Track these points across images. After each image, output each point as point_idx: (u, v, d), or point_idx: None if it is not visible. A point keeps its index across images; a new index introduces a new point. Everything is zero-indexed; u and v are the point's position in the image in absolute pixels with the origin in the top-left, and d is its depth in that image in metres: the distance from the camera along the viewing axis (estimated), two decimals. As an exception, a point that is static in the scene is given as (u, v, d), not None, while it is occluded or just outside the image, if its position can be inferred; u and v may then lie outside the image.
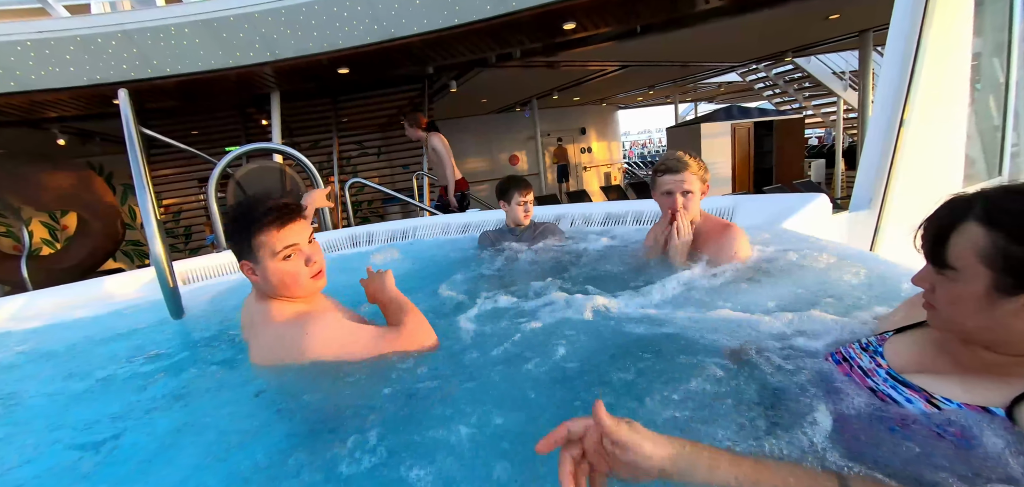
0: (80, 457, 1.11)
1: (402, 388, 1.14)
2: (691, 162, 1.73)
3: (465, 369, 1.22)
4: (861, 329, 1.00)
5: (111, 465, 1.07)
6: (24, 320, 2.32)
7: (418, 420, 1.02)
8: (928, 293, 0.76)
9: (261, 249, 1.23)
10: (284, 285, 1.26)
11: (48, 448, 1.17)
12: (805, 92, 12.43)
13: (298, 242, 1.25)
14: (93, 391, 1.48)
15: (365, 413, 1.06)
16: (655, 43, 6.92)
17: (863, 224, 2.50)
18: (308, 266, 1.27)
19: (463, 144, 13.46)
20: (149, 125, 4.15)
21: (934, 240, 0.73)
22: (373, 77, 6.94)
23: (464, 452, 0.89)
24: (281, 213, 1.24)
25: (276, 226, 1.23)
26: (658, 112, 40.52)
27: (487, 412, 0.99)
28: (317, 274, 1.29)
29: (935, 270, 0.73)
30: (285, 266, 1.24)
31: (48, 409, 1.40)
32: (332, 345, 1.19)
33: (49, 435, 1.23)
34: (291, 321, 1.23)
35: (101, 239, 5.82)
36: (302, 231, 1.28)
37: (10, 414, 1.39)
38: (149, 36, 4.60)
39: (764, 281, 1.43)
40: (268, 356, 1.24)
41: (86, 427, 1.24)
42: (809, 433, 0.78)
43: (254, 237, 1.23)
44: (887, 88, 2.52)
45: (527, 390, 1.07)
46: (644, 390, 0.94)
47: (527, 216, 2.60)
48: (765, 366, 0.96)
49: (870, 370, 0.85)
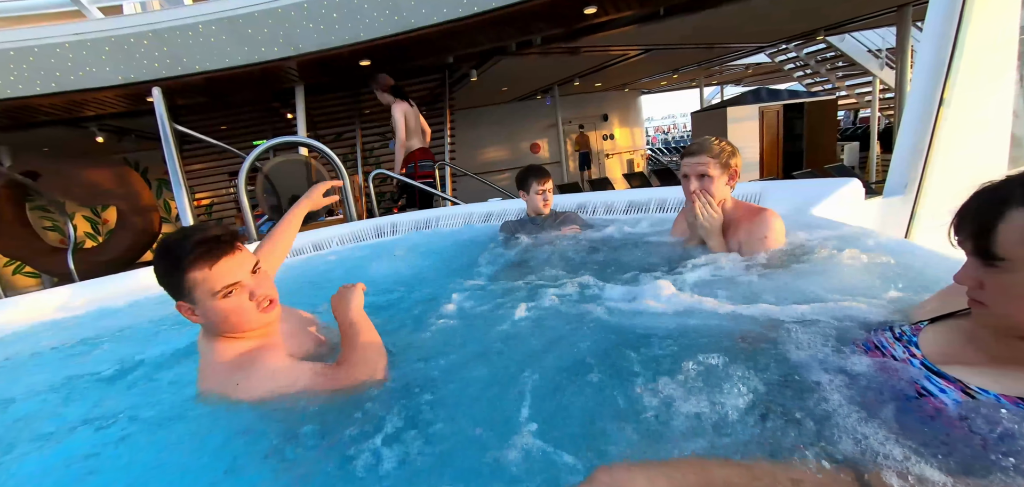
0: (122, 435, 1.17)
1: (405, 377, 1.16)
2: (713, 145, 1.69)
3: (470, 360, 1.24)
4: (894, 319, 0.97)
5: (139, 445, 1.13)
6: (71, 309, 2.46)
7: (427, 408, 1.04)
8: (975, 290, 0.72)
9: (196, 289, 1.11)
10: (230, 324, 1.15)
11: (93, 427, 1.23)
12: (838, 72, 11.94)
13: (239, 279, 1.12)
14: (129, 376, 1.56)
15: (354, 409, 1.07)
16: (680, 25, 6.73)
17: (898, 210, 2.41)
18: (253, 300, 1.14)
19: (484, 133, 13.46)
20: (181, 121, 4.29)
21: (978, 234, 0.69)
22: (394, 68, 6.98)
23: (477, 440, 0.90)
24: (211, 248, 1.10)
25: (207, 263, 1.09)
26: (683, 96, 39.63)
27: (480, 405, 1.00)
28: (267, 306, 1.17)
29: (982, 264, 0.69)
30: (227, 304, 1.12)
31: (92, 392, 1.48)
32: (268, 393, 1.09)
33: (94, 415, 1.30)
34: (230, 367, 1.14)
35: (139, 232, 6.07)
36: (241, 264, 1.14)
37: (58, 394, 1.48)
38: (178, 34, 4.74)
39: (793, 269, 1.40)
40: (211, 400, 1.14)
41: (128, 408, 1.31)
42: (839, 424, 0.76)
43: (185, 275, 1.09)
44: (926, 65, 2.40)
45: (538, 381, 1.07)
46: (663, 383, 0.93)
47: (546, 205, 2.60)
48: (792, 356, 0.94)
49: (903, 360, 0.83)
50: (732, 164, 1.70)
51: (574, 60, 9.01)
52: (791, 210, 2.11)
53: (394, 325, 1.60)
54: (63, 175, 5.70)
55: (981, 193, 0.70)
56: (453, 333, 1.42)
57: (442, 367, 1.21)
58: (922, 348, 0.82)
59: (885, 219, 2.41)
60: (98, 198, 6.08)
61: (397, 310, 1.86)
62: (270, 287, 1.20)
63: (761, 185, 2.42)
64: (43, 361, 1.86)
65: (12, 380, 1.69)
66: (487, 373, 1.17)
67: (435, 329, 1.44)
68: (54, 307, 2.47)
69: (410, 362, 1.27)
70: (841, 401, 0.79)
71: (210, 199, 8.39)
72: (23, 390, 1.52)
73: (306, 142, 4.02)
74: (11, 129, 6.27)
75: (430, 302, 1.77)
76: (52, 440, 1.21)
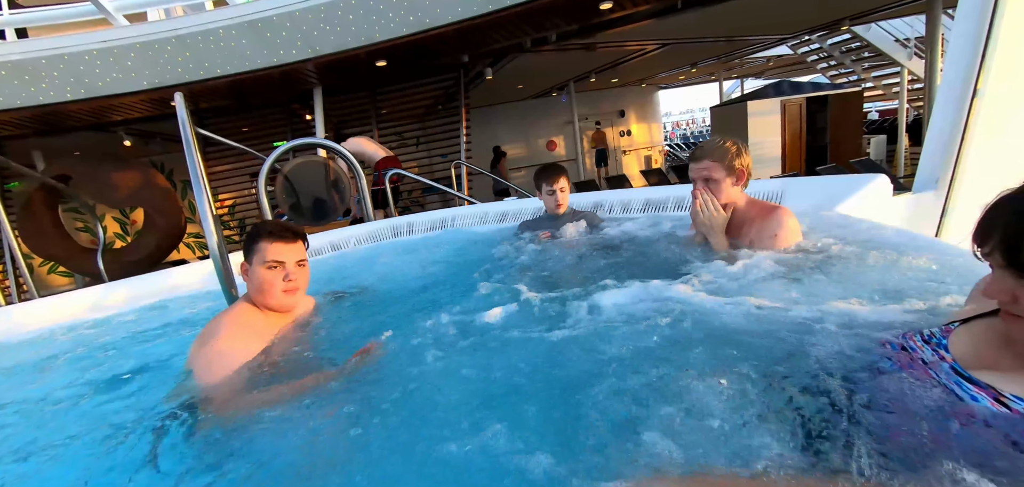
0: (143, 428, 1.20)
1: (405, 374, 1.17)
2: (717, 148, 1.68)
3: (471, 361, 1.23)
4: (923, 321, 0.93)
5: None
6: (102, 309, 2.54)
7: (424, 404, 1.04)
8: (1009, 303, 0.68)
9: (256, 254, 1.48)
10: (261, 290, 1.48)
11: (115, 424, 1.27)
12: (864, 63, 11.58)
13: (284, 260, 1.48)
14: (157, 372, 1.60)
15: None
16: (698, 18, 6.62)
17: (928, 207, 2.32)
18: (284, 281, 1.48)
19: (500, 131, 13.47)
20: (204, 123, 4.40)
21: (1010, 245, 0.65)
22: (410, 68, 7.03)
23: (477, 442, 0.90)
24: (280, 232, 1.49)
25: (271, 240, 1.47)
26: (702, 91, 38.97)
27: (490, 405, 0.99)
28: (290, 290, 1.50)
29: (1015, 276, 0.66)
30: (268, 274, 1.47)
31: (116, 389, 1.52)
32: (216, 368, 1.31)
33: (117, 410, 1.34)
34: (223, 328, 1.42)
35: (165, 233, 6.24)
36: (291, 253, 1.50)
37: (77, 399, 1.52)
38: (200, 39, 4.85)
39: (816, 270, 1.35)
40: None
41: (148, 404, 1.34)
42: (863, 432, 0.74)
43: (256, 243, 1.49)
44: (958, 54, 2.30)
45: (533, 387, 1.05)
46: (670, 392, 0.90)
47: (560, 205, 2.58)
48: (812, 360, 0.91)
49: (933, 363, 0.79)
50: (738, 165, 1.67)
51: (590, 56, 8.94)
52: (814, 208, 2.05)
53: (393, 325, 1.60)
54: (93, 178, 5.89)
55: (1007, 203, 0.66)
56: (448, 335, 1.39)
57: (435, 369, 1.21)
58: (952, 351, 0.78)
59: (914, 217, 2.33)
60: (126, 200, 6.27)
61: (398, 310, 1.87)
62: (302, 282, 1.54)
63: (782, 182, 2.36)
64: (73, 360, 1.93)
65: (45, 377, 1.75)
66: (477, 379, 1.15)
67: (429, 331, 1.43)
68: (86, 306, 2.55)
69: (402, 365, 1.27)
70: (865, 406, 0.76)
71: (232, 200, 8.59)
72: (54, 386, 1.58)
73: (325, 144, 4.08)
74: (44, 134, 6.51)
75: (434, 303, 1.78)
76: (80, 437, 1.24)
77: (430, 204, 8.36)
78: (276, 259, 1.47)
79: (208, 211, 1.97)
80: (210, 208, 1.98)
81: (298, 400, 1.15)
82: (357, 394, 1.16)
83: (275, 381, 1.26)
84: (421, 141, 8.54)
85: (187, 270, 2.81)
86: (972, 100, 2.25)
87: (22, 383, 1.74)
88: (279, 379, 1.27)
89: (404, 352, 1.32)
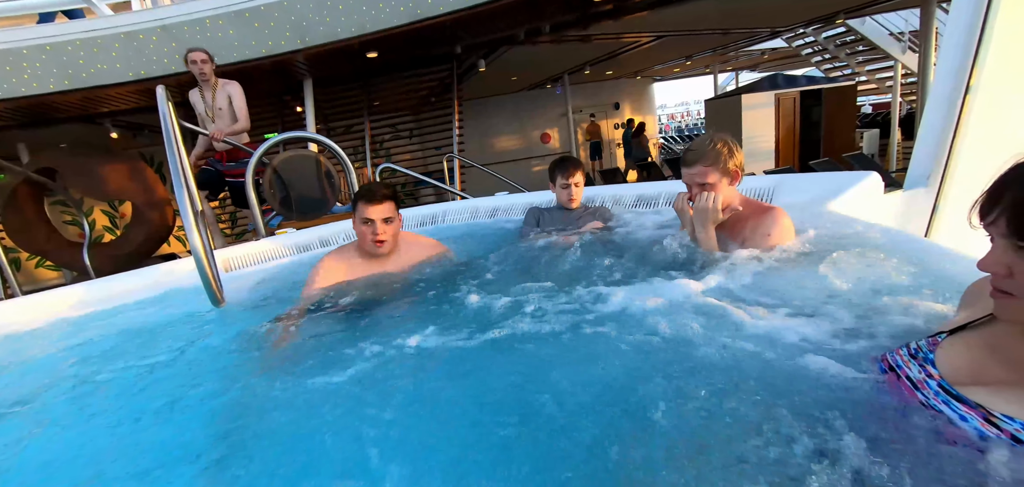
0: (132, 427, 1.18)
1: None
2: (709, 151, 1.64)
3: (460, 360, 1.22)
4: (912, 329, 0.91)
5: (155, 437, 1.14)
6: (87, 305, 2.48)
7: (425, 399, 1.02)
8: (1001, 279, 0.64)
9: (357, 212, 1.93)
10: (359, 239, 1.98)
11: (104, 424, 1.24)
12: (858, 56, 11.58)
13: (374, 218, 1.90)
14: (145, 371, 1.57)
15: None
16: (693, 10, 6.57)
17: (919, 204, 2.31)
18: (373, 234, 1.91)
19: (494, 123, 13.39)
20: (191, 116, 4.32)
21: (1018, 212, 0.61)
22: (402, 59, 6.95)
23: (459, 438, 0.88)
24: (372, 196, 1.91)
25: (365, 202, 1.90)
26: (696, 83, 38.83)
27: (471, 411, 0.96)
28: (377, 242, 1.92)
29: (1014, 248, 0.62)
30: (361, 228, 1.94)
31: (107, 389, 1.49)
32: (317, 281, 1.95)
33: (110, 411, 1.32)
34: (331, 255, 2.04)
35: (155, 227, 6.14)
36: (380, 213, 1.90)
37: (76, 392, 1.49)
38: (186, 29, 4.75)
39: (801, 272, 1.33)
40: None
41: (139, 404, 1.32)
42: (848, 460, 0.69)
43: (356, 203, 1.94)
44: (952, 49, 2.28)
45: (520, 399, 1.03)
46: (657, 405, 0.87)
47: (573, 200, 2.53)
48: (794, 377, 0.87)
49: (919, 382, 0.76)
50: (731, 166, 1.64)
51: (585, 48, 8.88)
52: (805, 206, 2.03)
53: (387, 323, 1.59)
54: (79, 171, 5.78)
55: (1018, 168, 0.63)
56: (432, 336, 1.38)
57: (435, 378, 1.19)
58: (939, 366, 0.75)
59: (906, 214, 2.32)
60: (113, 193, 6.17)
61: (391, 307, 1.85)
62: (388, 235, 1.93)
63: (774, 179, 2.34)
64: (58, 356, 1.88)
65: (32, 374, 1.71)
66: (462, 387, 1.13)
67: (411, 329, 1.41)
68: (72, 303, 2.50)
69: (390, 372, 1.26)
70: (847, 433, 0.73)
71: (224, 192, 8.48)
72: (40, 383, 1.55)
73: (315, 138, 4.02)
74: (30, 126, 6.38)
75: (421, 301, 1.78)
76: (66, 428, 1.22)
77: (425, 197, 8.30)
78: (366, 217, 1.89)
79: (189, 208, 1.92)
80: (188, 203, 1.93)
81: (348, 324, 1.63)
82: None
83: (340, 298, 1.83)
84: (414, 134, 8.46)
85: (173, 266, 2.76)
86: (965, 96, 2.24)
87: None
88: (347, 297, 1.83)
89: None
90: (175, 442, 1.14)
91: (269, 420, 1.14)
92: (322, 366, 1.31)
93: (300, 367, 1.35)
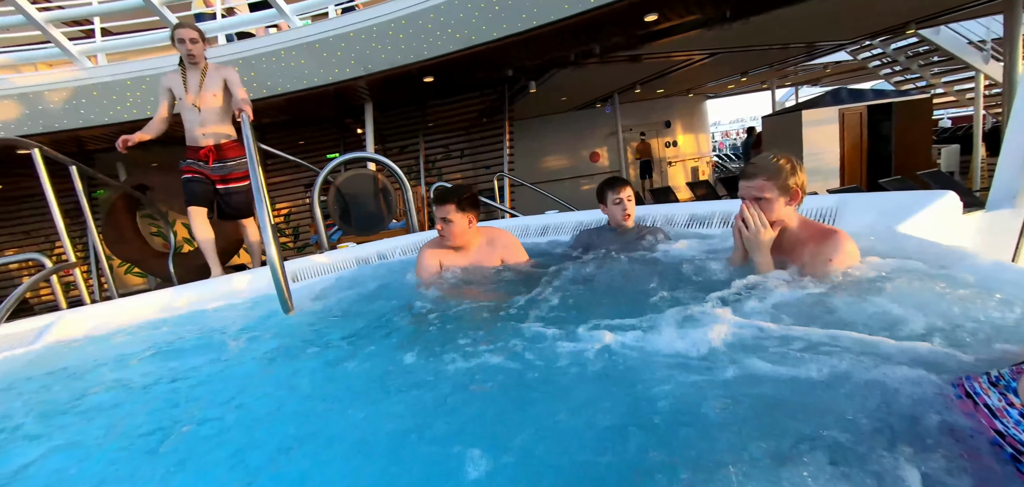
0: (202, 427, 1.31)
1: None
2: (770, 164, 1.60)
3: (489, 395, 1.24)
4: (992, 361, 0.86)
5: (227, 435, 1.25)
6: (171, 309, 2.74)
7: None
8: None
9: (437, 214, 2.37)
10: (439, 233, 2.41)
11: (190, 412, 1.38)
12: (933, 67, 10.81)
13: (443, 217, 2.33)
14: (220, 370, 1.72)
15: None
16: (748, 26, 6.42)
17: (1004, 226, 2.14)
18: (443, 233, 2.37)
19: (543, 142, 13.52)
20: (264, 138, 4.70)
21: None
22: (456, 83, 7.22)
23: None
24: (438, 200, 2.36)
25: (438, 205, 2.35)
26: (753, 99, 37.43)
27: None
28: (443, 237, 2.39)
29: None
30: (439, 226, 2.38)
31: (179, 388, 1.64)
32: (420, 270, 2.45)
33: (181, 411, 1.46)
34: (432, 244, 2.51)
35: (227, 238, 6.68)
36: (445, 215, 2.33)
37: (151, 390, 1.65)
38: (264, 60, 5.20)
39: (871, 299, 1.27)
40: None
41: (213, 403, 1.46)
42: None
43: (436, 206, 2.38)
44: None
45: (564, 431, 1.03)
46: (712, 437, 0.86)
47: (627, 217, 2.50)
48: (859, 404, 0.84)
49: (999, 410, 0.73)
50: (792, 184, 1.59)
51: (635, 67, 8.85)
52: (872, 227, 1.94)
53: (415, 344, 1.65)
54: (168, 188, 6.40)
55: None
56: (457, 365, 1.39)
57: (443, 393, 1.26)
58: (1022, 395, 0.72)
59: (988, 237, 2.15)
60: (195, 207, 6.77)
61: (419, 327, 1.90)
62: (448, 233, 2.36)
63: (838, 199, 2.24)
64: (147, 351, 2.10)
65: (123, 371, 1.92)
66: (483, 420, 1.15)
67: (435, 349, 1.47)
68: (158, 307, 2.77)
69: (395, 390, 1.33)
70: (917, 462, 0.70)
71: (288, 208, 9.07)
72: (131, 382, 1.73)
73: (375, 158, 4.26)
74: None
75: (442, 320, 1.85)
76: (147, 431, 1.36)
77: (473, 215, 8.49)
78: (440, 217, 2.35)
79: (268, 223, 2.11)
80: (269, 219, 2.12)
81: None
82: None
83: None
84: (466, 153, 8.73)
85: (247, 276, 3.00)
86: (1057, 111, 2.07)
87: (104, 374, 1.91)
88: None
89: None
90: (251, 430, 1.25)
91: (337, 417, 1.24)
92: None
93: (364, 366, 1.45)
